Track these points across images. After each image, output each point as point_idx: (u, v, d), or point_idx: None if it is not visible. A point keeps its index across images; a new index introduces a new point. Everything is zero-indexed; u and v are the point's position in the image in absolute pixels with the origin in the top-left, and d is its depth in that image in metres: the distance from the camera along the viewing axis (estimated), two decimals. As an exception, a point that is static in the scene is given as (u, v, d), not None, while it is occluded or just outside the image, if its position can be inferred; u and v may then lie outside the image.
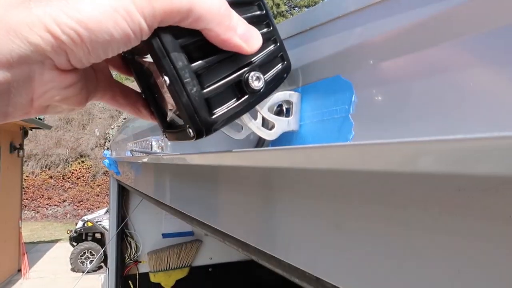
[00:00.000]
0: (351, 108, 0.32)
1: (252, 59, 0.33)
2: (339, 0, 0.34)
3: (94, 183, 12.40)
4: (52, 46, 0.25)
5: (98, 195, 12.28)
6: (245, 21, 0.32)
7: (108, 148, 2.21)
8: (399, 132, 0.28)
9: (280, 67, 0.35)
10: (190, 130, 0.32)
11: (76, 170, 12.49)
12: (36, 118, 6.95)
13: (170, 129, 0.37)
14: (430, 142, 0.16)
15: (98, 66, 0.34)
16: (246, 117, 0.35)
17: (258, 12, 0.34)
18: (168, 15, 0.27)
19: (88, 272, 5.53)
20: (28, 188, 11.81)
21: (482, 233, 0.22)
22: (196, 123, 0.31)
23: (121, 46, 0.27)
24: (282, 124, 0.36)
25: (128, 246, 2.25)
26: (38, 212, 11.96)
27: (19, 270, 6.82)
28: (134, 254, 2.25)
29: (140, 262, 2.28)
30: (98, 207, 10.82)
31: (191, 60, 0.31)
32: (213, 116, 0.32)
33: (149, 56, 0.32)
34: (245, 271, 2.41)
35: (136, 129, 1.28)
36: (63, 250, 7.82)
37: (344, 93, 0.33)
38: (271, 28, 0.35)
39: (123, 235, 2.23)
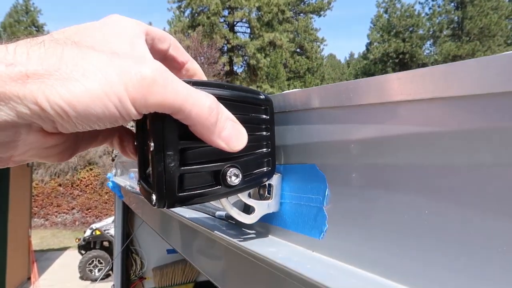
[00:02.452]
0: (325, 201, 0.33)
1: (237, 155, 0.34)
2: (324, 90, 0.34)
3: (102, 190, 12.48)
4: (40, 116, 0.27)
5: (106, 203, 12.35)
6: (234, 122, 0.33)
7: (114, 158, 2.22)
8: (365, 236, 0.29)
9: (264, 170, 0.36)
10: (153, 197, 0.33)
11: (85, 178, 12.58)
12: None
13: (145, 182, 0.38)
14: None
15: None
16: (226, 203, 0.36)
17: (263, 116, 0.36)
18: (160, 108, 0.29)
19: (97, 280, 5.56)
20: (38, 196, 11.92)
21: None
22: (162, 194, 0.32)
23: (108, 125, 0.29)
24: (262, 208, 0.37)
25: (133, 263, 2.26)
26: (47, 219, 12.07)
27: (29, 278, 6.88)
28: (139, 271, 2.27)
29: (145, 278, 2.29)
30: (106, 215, 10.89)
31: (182, 136, 0.32)
32: (182, 194, 0.33)
33: None
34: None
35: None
36: (72, 258, 7.87)
37: (319, 184, 0.34)
38: (269, 133, 0.36)
39: (128, 252, 2.25)
